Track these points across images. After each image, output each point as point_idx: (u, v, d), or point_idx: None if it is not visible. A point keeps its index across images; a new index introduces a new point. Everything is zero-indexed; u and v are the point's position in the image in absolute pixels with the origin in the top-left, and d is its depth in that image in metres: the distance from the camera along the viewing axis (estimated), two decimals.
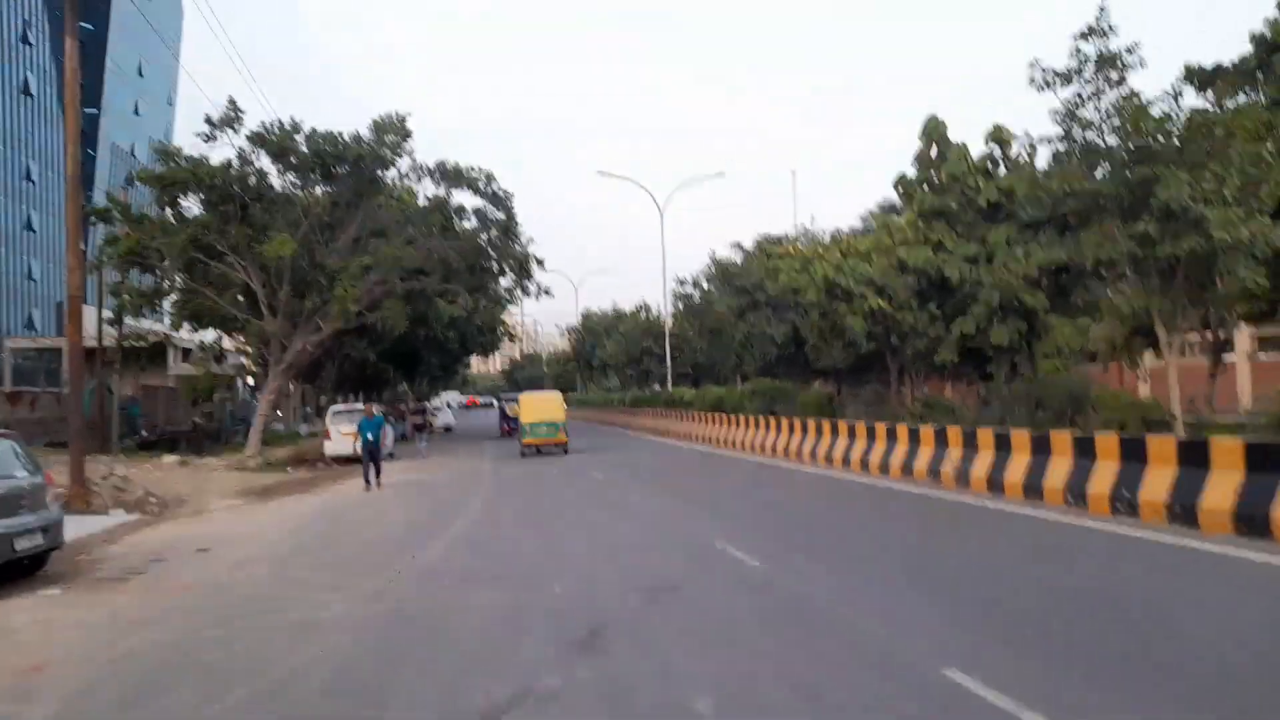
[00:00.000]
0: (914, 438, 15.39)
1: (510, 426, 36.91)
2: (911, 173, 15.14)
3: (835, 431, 19.52)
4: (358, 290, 27.18)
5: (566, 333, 61.42)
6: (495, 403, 49.70)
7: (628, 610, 7.22)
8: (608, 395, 54.11)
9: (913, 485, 14.74)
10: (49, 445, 27.62)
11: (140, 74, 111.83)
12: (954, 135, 14.80)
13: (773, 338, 25.10)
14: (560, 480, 19.42)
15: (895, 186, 15.33)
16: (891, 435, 16.36)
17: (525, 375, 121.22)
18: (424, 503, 16.23)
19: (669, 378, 38.98)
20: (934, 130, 14.27)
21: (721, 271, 26.72)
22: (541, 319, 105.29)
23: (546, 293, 30.98)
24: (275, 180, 28.21)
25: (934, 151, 14.73)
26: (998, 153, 14.63)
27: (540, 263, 30.62)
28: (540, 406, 28.50)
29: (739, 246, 39.89)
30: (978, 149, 15.02)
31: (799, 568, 8.82)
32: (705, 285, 33.36)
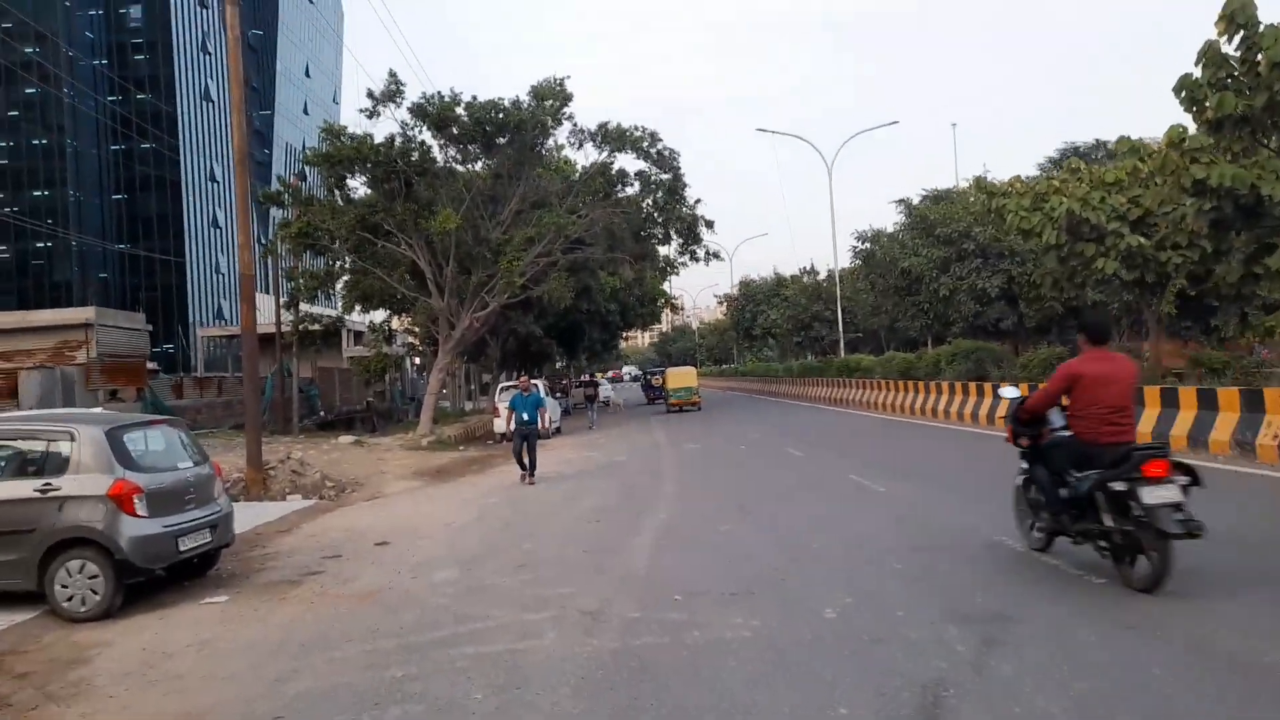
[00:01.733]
0: (1209, 401, 12.44)
1: (654, 395, 45.00)
2: (1197, 73, 12.00)
3: None
4: (522, 263, 26.14)
5: (723, 300, 59.16)
6: (642, 375, 57.32)
7: (966, 658, 5.13)
8: (770, 365, 51.71)
9: (1206, 459, 11.88)
10: (234, 428, 28.35)
11: (307, 74, 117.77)
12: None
13: (985, 291, 22.04)
14: (753, 457, 17.51)
15: (1176, 91, 12.21)
16: (1169, 399, 13.42)
17: (678, 348, 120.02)
18: (610, 485, 14.70)
19: (841, 343, 36.22)
20: (1240, 10, 11.13)
21: (919, 219, 23.75)
22: (690, 290, 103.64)
23: (716, 256, 29.01)
24: (437, 154, 27.54)
25: (1235, 41, 11.56)
26: None
27: (710, 224, 28.64)
28: (680, 377, 38.30)
29: (929, 195, 36.54)
30: None
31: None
32: (890, 237, 30.28)
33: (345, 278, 30.52)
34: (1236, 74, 12.25)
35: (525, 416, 16.03)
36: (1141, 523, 5.89)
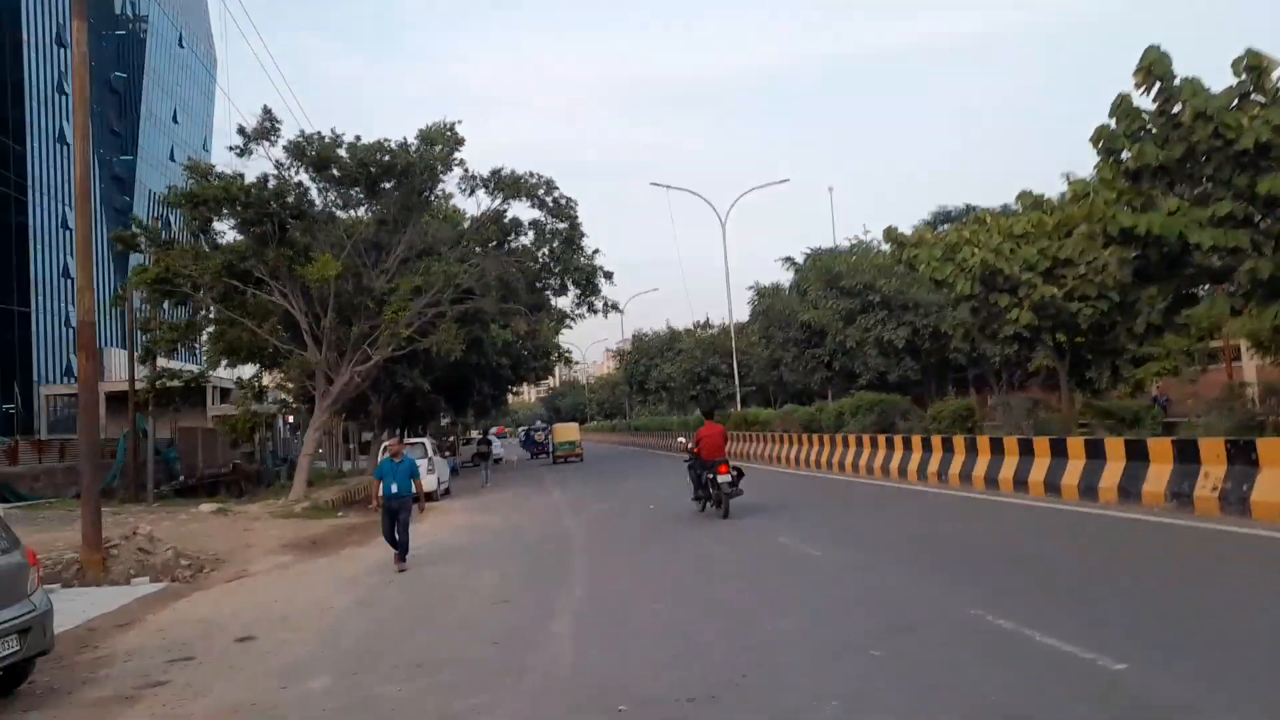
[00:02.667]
0: (1138, 452, 12.09)
1: (536, 450, 50.39)
2: (1112, 125, 11.91)
3: (974, 449, 16.30)
4: (408, 314, 24.47)
5: (617, 354, 58.31)
6: (525, 432, 59.99)
7: None
8: (665, 419, 50.96)
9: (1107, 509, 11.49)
10: (77, 496, 25.21)
11: (175, 120, 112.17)
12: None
13: (891, 343, 21.81)
14: (668, 519, 16.31)
15: (1093, 141, 12.08)
16: (1094, 451, 13.06)
17: (567, 403, 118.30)
18: (513, 555, 13.21)
19: (738, 396, 35.78)
20: (1156, 63, 11.04)
21: (823, 270, 23.50)
22: (580, 344, 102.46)
23: (615, 308, 28.03)
24: (316, 198, 25.68)
25: (1153, 92, 11.48)
26: (1250, 86, 11.29)
27: (609, 275, 27.68)
28: (565, 432, 44.59)
29: (811, 254, 36.76)
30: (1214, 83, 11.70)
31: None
32: (790, 290, 30.09)
33: (210, 329, 28.03)
34: (1147, 126, 12.23)
35: (395, 488, 12.85)
36: (717, 489, 14.46)
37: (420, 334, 25.85)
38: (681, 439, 16.10)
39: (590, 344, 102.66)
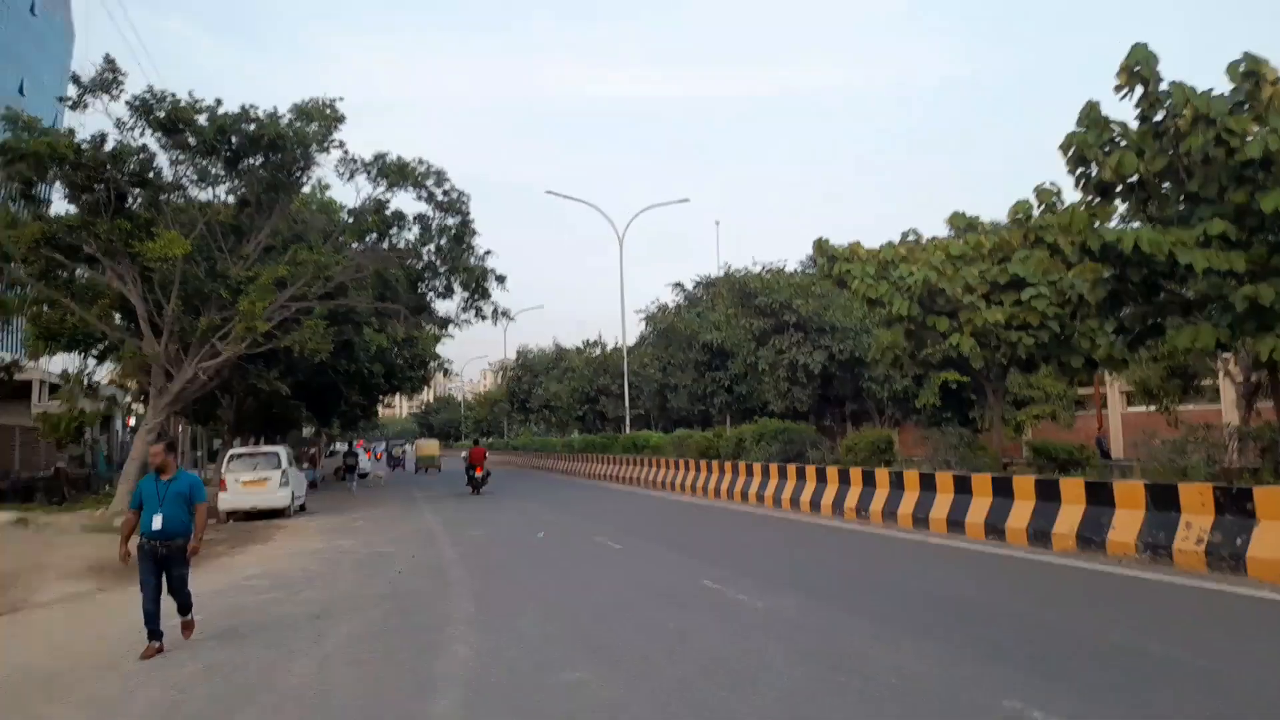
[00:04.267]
0: (1101, 496, 10.80)
1: (394, 464, 53.04)
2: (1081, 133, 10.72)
3: (900, 485, 14.96)
4: (268, 307, 21.42)
5: (499, 370, 55.52)
6: (385, 447, 62.26)
7: None
8: (547, 440, 48.55)
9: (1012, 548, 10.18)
10: None
11: (21, 92, 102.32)
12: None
13: (806, 367, 20.35)
14: (560, 549, 14.10)
15: (1063, 149, 10.86)
16: (1046, 492, 11.74)
17: (441, 419, 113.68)
18: (376, 594, 10.69)
19: (627, 418, 33.94)
20: (1143, 64, 9.86)
21: (736, 287, 21.94)
22: (458, 360, 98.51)
23: (505, 314, 25.62)
24: (165, 167, 22.30)
25: (1135, 96, 10.31)
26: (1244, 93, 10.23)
27: (501, 279, 25.28)
28: (426, 448, 50.26)
29: (701, 282, 35.42)
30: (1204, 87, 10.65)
31: None
32: (693, 310, 28.51)
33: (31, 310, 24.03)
34: (1115, 138, 11.13)
35: (157, 525, 7.94)
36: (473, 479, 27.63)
37: (282, 330, 22.79)
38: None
39: (469, 360, 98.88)
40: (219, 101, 21.22)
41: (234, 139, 21.12)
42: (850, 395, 23.80)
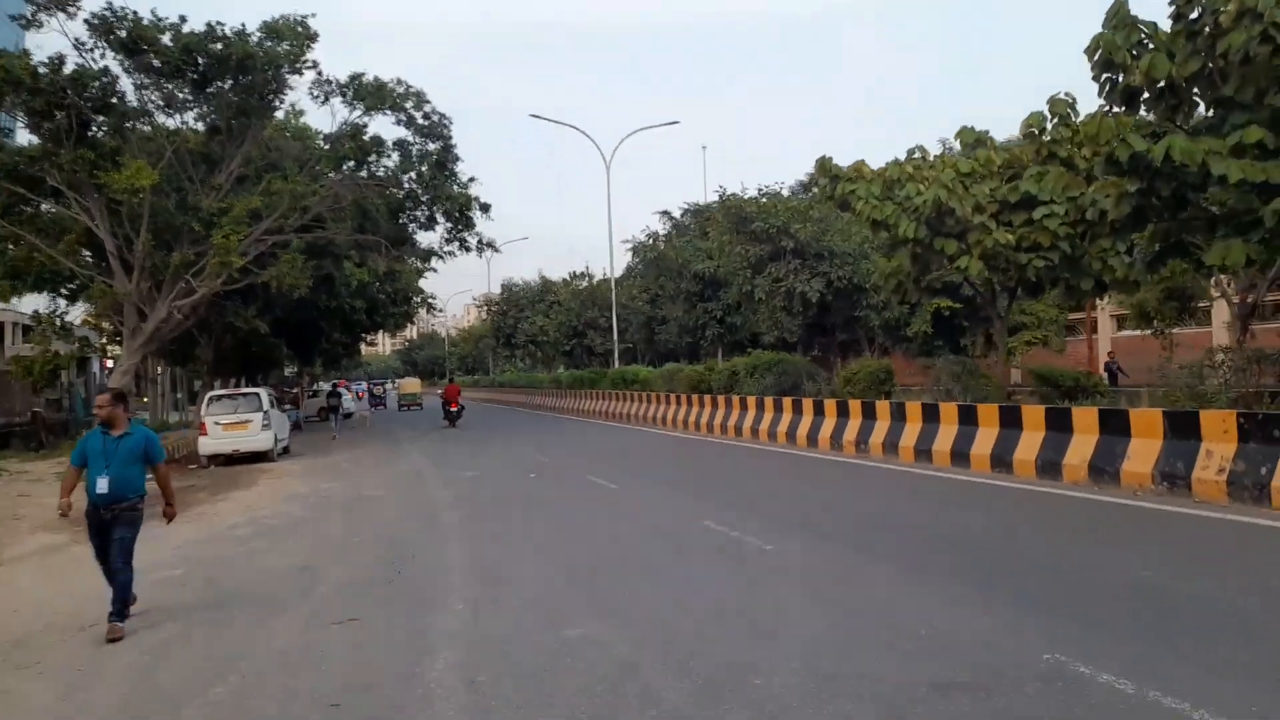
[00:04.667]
0: (1116, 425, 10.40)
1: (375, 402, 54.26)
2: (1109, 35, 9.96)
3: (901, 415, 14.57)
4: (244, 240, 20.54)
5: (483, 305, 54.63)
6: (366, 387, 61.12)
7: None
8: (534, 375, 48.04)
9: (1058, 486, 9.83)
10: None
11: None
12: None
13: (804, 296, 19.71)
14: (553, 490, 13.67)
15: (1089, 53, 10.13)
16: (1057, 422, 11.34)
17: (425, 355, 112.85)
18: (364, 543, 10.23)
19: (615, 353, 33.44)
20: None
21: (731, 212, 21.13)
22: (441, 295, 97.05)
23: (490, 246, 24.78)
24: (130, 92, 21.10)
25: None
26: None
27: (486, 208, 24.33)
28: (408, 386, 53.43)
29: (689, 209, 34.53)
30: None
31: None
32: (683, 238, 27.67)
33: None
34: (1144, 40, 10.40)
35: (104, 485, 6.84)
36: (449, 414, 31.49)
37: (258, 265, 21.96)
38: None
39: (452, 295, 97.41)
40: (183, 19, 19.98)
41: (200, 60, 19.96)
42: (841, 324, 23.28)
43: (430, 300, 39.36)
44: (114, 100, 20.10)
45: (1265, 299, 26.16)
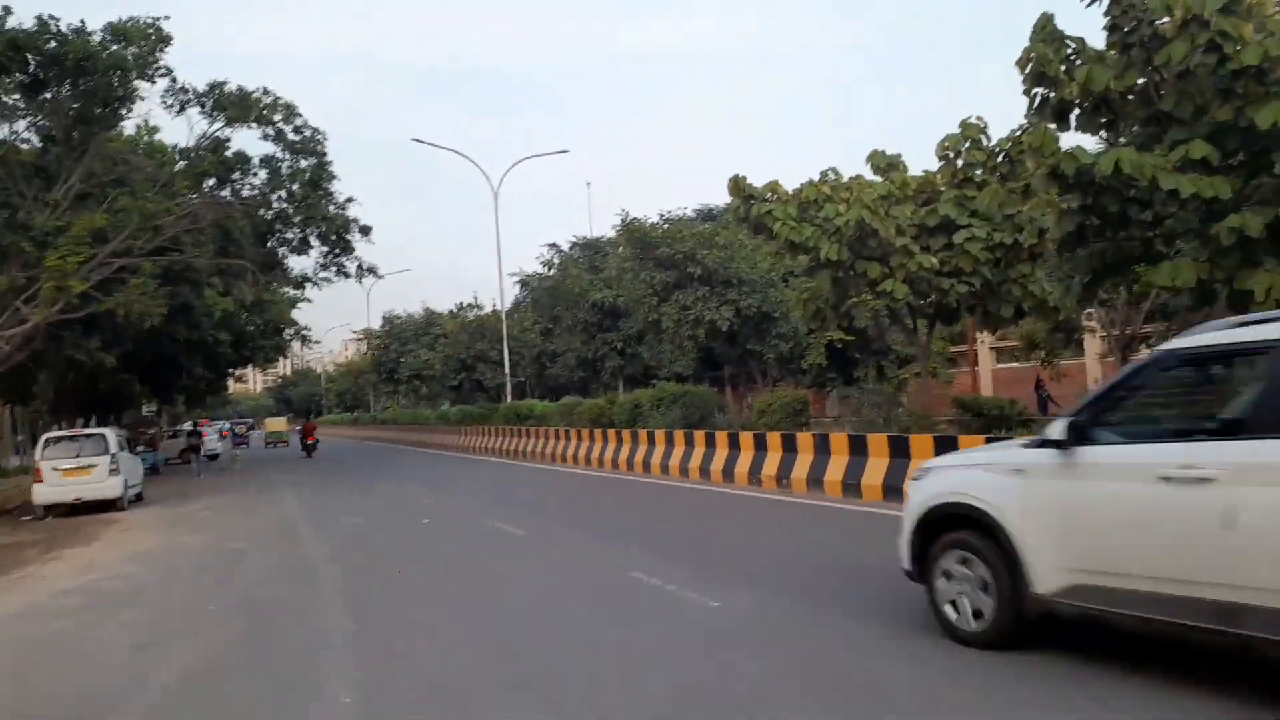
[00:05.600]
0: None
1: (238, 441, 54.22)
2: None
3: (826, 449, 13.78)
4: (83, 265, 18.12)
5: (363, 337, 51.82)
6: (230, 427, 62.21)
7: None
8: (417, 413, 45.66)
9: None
10: None
11: None
12: None
13: (714, 324, 18.76)
14: (451, 540, 12.09)
15: (1020, 65, 9.68)
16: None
17: (299, 393, 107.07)
18: (218, 621, 8.44)
19: (508, 386, 31.90)
20: None
21: (637, 236, 20.04)
22: (317, 329, 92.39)
23: (372, 271, 22.90)
24: None
25: (1104, 5, 9.16)
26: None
27: (366, 231, 22.47)
28: (273, 424, 58.16)
29: (578, 243, 33.58)
30: None
31: None
32: (580, 266, 26.50)
33: None
34: (1070, 55, 10.01)
35: None
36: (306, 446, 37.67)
37: (104, 292, 19.48)
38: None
39: (330, 329, 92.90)
40: (8, 10, 17.58)
41: (31, 58, 17.55)
42: (734, 358, 22.51)
43: (304, 332, 36.75)
44: None
45: (1140, 330, 27.19)
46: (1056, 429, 4.93)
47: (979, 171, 13.61)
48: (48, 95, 19.03)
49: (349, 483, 23.04)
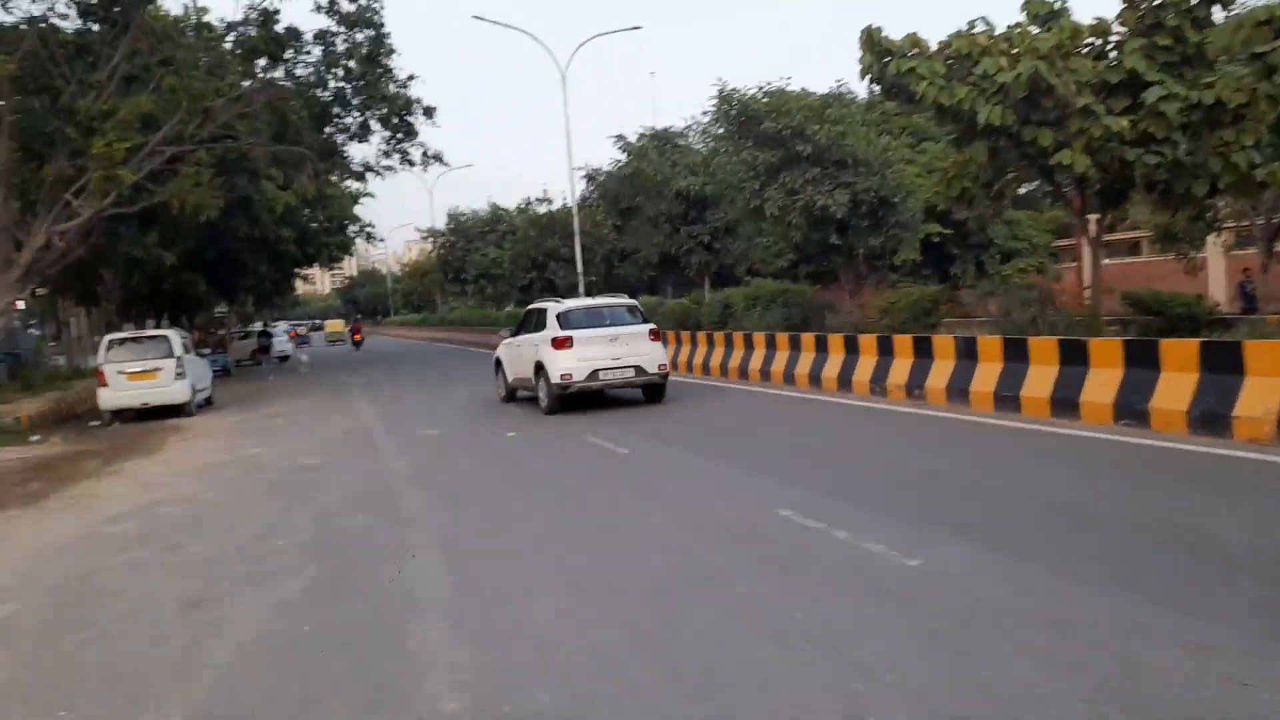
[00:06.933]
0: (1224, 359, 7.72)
1: (300, 342, 59.53)
2: None
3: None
4: (134, 152, 16.65)
5: (428, 236, 50.42)
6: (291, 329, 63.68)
7: None
8: (487, 313, 44.43)
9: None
10: None
11: None
12: None
13: (826, 210, 16.46)
14: (543, 457, 10.59)
15: None
16: (1141, 356, 8.65)
17: (367, 293, 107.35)
18: (292, 547, 7.05)
19: (581, 286, 30.22)
20: None
21: (739, 111, 17.60)
22: (381, 226, 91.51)
23: (438, 159, 21.02)
24: None
25: None
26: None
27: (430, 112, 20.50)
28: (333, 327, 66.25)
29: (647, 134, 31.08)
30: None
31: None
32: (661, 151, 24.27)
33: None
34: None
35: None
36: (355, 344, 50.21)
37: (156, 183, 18.09)
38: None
39: (393, 229, 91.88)
40: None
41: None
42: (819, 252, 20.16)
43: (368, 229, 35.37)
44: None
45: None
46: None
47: (1170, 16, 11.03)
48: None
49: (423, 387, 21.83)
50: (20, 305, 32.49)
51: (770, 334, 16.94)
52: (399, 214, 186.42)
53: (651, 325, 14.51)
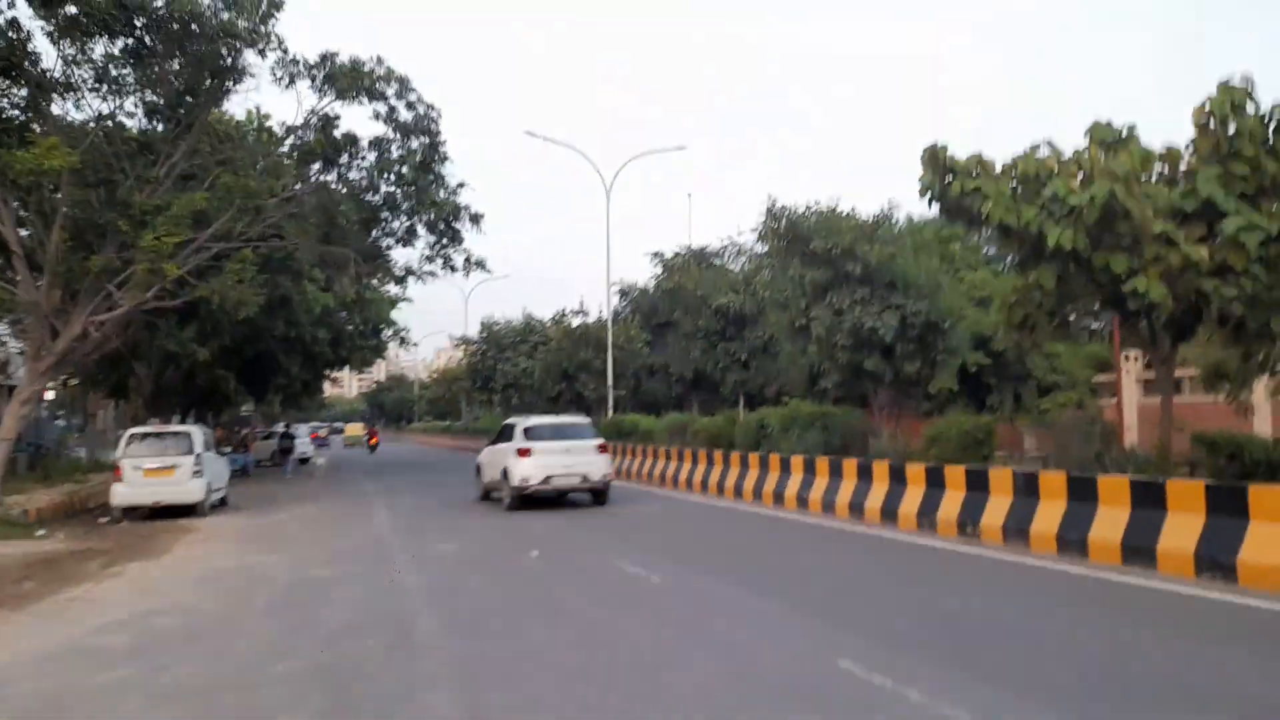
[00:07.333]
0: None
1: (320, 444, 56.40)
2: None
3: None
4: (178, 240, 16.70)
5: (460, 344, 50.58)
6: (314, 431, 62.15)
7: None
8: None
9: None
10: None
11: None
12: None
13: (875, 332, 15.92)
14: (569, 583, 9.78)
15: None
16: (1226, 503, 7.79)
17: (394, 398, 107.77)
18: (300, 684, 6.29)
19: (610, 400, 29.72)
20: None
21: (788, 229, 17.37)
22: (413, 333, 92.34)
23: (480, 265, 21.01)
24: (45, 49, 17.31)
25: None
26: None
27: (477, 220, 20.60)
28: (352, 429, 71.32)
29: (686, 253, 31.28)
30: None
31: None
32: (704, 266, 24.20)
33: None
34: None
35: None
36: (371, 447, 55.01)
37: (199, 278, 18.11)
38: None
39: (425, 336, 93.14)
40: None
41: (135, 17, 16.20)
42: (888, 375, 19.54)
43: (403, 334, 35.43)
44: (22, 62, 16.26)
45: None
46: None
47: (1247, 145, 10.69)
48: (155, 66, 17.79)
49: (444, 496, 21.11)
50: (50, 395, 32.59)
51: (810, 458, 16.19)
52: (433, 319, 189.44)
53: (600, 440, 17.15)
